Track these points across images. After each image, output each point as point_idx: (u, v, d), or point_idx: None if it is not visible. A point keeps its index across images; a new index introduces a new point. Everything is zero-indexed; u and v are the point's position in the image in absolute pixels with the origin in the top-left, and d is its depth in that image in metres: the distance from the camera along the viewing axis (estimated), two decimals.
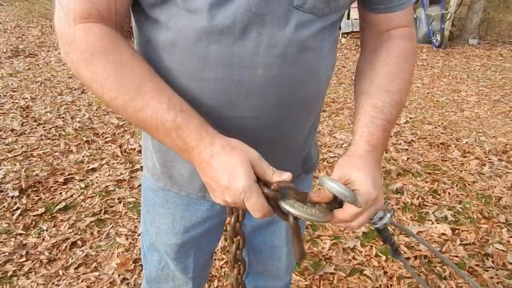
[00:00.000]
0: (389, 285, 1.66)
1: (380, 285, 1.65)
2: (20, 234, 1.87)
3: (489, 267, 1.75)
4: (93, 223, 1.97)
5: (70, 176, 2.39)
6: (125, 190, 2.26)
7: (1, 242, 1.81)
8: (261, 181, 0.54)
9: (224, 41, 0.55)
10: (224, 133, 0.55)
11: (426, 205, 2.23)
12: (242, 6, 0.53)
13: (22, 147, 2.71)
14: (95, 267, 1.70)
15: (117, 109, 0.55)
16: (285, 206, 0.54)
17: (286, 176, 0.53)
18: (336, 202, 0.57)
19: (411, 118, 3.63)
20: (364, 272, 1.71)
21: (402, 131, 3.28)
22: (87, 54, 0.53)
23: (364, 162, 0.57)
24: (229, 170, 0.51)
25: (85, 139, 2.89)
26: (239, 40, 0.55)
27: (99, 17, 0.54)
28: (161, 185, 0.77)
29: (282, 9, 0.54)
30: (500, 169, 2.65)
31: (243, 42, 0.55)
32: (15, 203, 2.09)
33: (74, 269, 1.68)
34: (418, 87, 4.68)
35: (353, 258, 1.80)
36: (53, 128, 3.06)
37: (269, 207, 0.53)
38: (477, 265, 1.76)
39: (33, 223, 1.96)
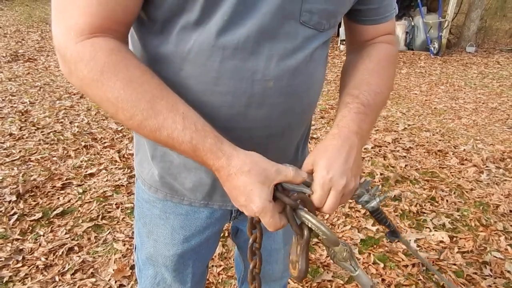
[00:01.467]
0: None
1: None
2: (17, 239, 1.86)
3: (487, 275, 1.75)
4: (90, 229, 1.96)
5: (68, 181, 2.39)
6: (123, 196, 2.25)
7: None
8: (280, 191, 0.56)
9: (238, 56, 0.56)
10: (233, 142, 0.57)
11: (424, 212, 2.23)
12: (256, 23, 0.55)
13: (20, 151, 2.71)
14: (91, 273, 1.69)
15: (133, 128, 0.54)
16: (305, 215, 0.57)
17: (304, 175, 0.57)
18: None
19: (409, 125, 3.64)
20: None
21: (400, 138, 3.29)
22: (96, 72, 0.50)
23: (326, 146, 0.60)
24: (245, 192, 0.54)
25: (83, 144, 2.89)
26: (252, 55, 0.57)
27: (106, 30, 0.52)
28: (160, 196, 0.76)
29: (291, 25, 0.58)
30: (497, 177, 2.66)
31: (256, 57, 0.57)
32: (12, 208, 2.08)
33: (71, 275, 1.67)
34: (416, 94, 4.71)
35: None
36: (51, 133, 3.05)
37: (281, 223, 0.56)
38: (475, 273, 1.76)
39: (30, 228, 1.95)
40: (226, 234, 1.92)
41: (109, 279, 1.65)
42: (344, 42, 7.04)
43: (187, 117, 0.53)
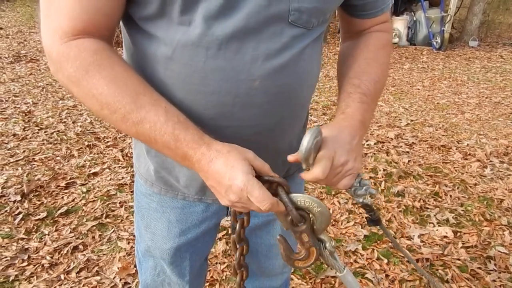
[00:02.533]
0: None
1: None
2: (22, 239, 1.88)
3: (492, 270, 1.74)
4: (94, 227, 1.97)
5: (72, 180, 2.40)
6: (126, 194, 2.26)
7: (3, 246, 1.82)
8: (260, 177, 0.56)
9: (222, 56, 0.56)
10: (221, 140, 0.57)
11: (428, 208, 2.22)
12: (240, 23, 0.54)
13: (24, 151, 2.72)
14: (96, 271, 1.70)
15: (115, 122, 0.56)
16: (296, 195, 0.58)
17: (277, 176, 0.58)
18: None
19: (412, 120, 3.63)
20: (366, 275, 1.71)
21: (403, 134, 3.28)
22: (81, 70, 0.53)
23: (331, 126, 0.62)
24: (228, 170, 0.54)
25: (86, 143, 2.90)
26: (237, 54, 0.57)
27: (89, 32, 0.54)
28: (156, 191, 0.78)
29: (278, 25, 0.57)
30: (501, 171, 2.65)
31: (240, 56, 0.57)
32: (17, 208, 2.10)
33: (76, 273, 1.68)
34: (418, 89, 4.69)
35: (355, 261, 1.80)
36: (54, 133, 3.07)
37: (274, 197, 0.55)
38: (479, 268, 1.75)
39: (35, 227, 1.96)
40: (230, 232, 1.93)
41: (114, 277, 1.66)
42: None
43: (169, 111, 0.55)
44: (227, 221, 1.09)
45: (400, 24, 7.35)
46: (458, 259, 1.81)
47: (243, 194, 0.53)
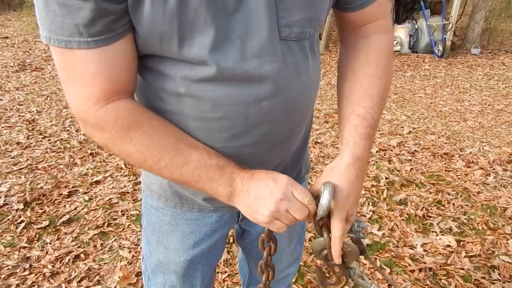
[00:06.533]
0: None
1: None
2: (24, 247, 1.88)
3: (496, 280, 1.72)
4: (96, 236, 1.98)
5: (74, 188, 2.41)
6: (128, 203, 2.27)
7: (5, 255, 1.82)
8: None
9: (228, 84, 0.58)
10: (235, 159, 0.63)
11: (431, 216, 2.21)
12: (238, 53, 0.56)
13: (27, 160, 2.74)
14: (97, 280, 1.70)
15: (158, 170, 0.59)
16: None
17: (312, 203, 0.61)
18: None
19: (414, 128, 3.62)
20: None
21: (405, 142, 3.28)
22: (124, 130, 0.56)
23: (343, 178, 0.63)
24: (270, 174, 0.60)
25: (89, 151, 2.92)
26: (241, 81, 0.58)
27: (119, 92, 0.56)
28: (171, 205, 0.78)
29: (273, 44, 0.58)
30: (505, 179, 2.63)
31: (246, 82, 0.58)
32: (20, 216, 2.10)
33: (77, 282, 1.68)
34: (421, 97, 4.69)
35: None
36: (58, 141, 3.09)
37: (311, 199, 0.60)
38: (483, 277, 1.73)
39: (37, 236, 1.97)
40: (231, 241, 1.92)
41: (115, 286, 1.66)
42: None
43: (208, 149, 0.61)
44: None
45: (402, 32, 7.39)
46: (462, 269, 1.79)
47: (289, 188, 0.59)
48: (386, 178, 2.61)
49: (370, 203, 2.31)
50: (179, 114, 0.61)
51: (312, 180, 2.48)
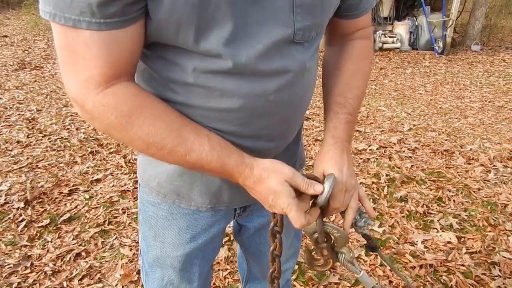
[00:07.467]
0: None
1: None
2: (25, 246, 1.88)
3: (496, 276, 1.73)
4: (97, 234, 1.98)
5: (75, 187, 2.41)
6: (129, 201, 2.27)
7: (6, 254, 1.82)
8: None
9: (239, 76, 0.59)
10: (247, 149, 0.64)
11: (431, 213, 2.21)
12: (252, 48, 0.57)
13: (27, 158, 2.74)
14: (99, 278, 1.70)
15: (161, 157, 0.59)
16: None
17: (319, 188, 0.63)
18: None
19: (414, 125, 3.62)
20: None
21: (406, 139, 3.27)
22: (124, 116, 0.54)
23: (330, 155, 0.70)
24: (271, 193, 0.61)
25: (89, 150, 2.92)
26: (251, 76, 0.60)
27: (120, 75, 0.54)
28: (169, 202, 0.78)
29: (285, 45, 0.61)
30: (505, 176, 2.63)
31: (255, 77, 0.60)
32: (20, 215, 2.11)
33: (78, 280, 1.68)
34: (421, 94, 4.68)
35: None
36: (58, 140, 3.09)
37: (306, 219, 0.63)
38: (483, 273, 1.74)
39: (38, 234, 1.97)
40: (232, 238, 1.93)
41: (116, 284, 1.66)
42: None
43: (211, 139, 0.60)
44: (229, 227, 1.09)
45: (402, 29, 7.37)
46: (462, 265, 1.80)
47: (283, 212, 0.62)
48: (387, 175, 2.61)
49: (371, 200, 2.31)
50: (187, 105, 0.62)
51: None
